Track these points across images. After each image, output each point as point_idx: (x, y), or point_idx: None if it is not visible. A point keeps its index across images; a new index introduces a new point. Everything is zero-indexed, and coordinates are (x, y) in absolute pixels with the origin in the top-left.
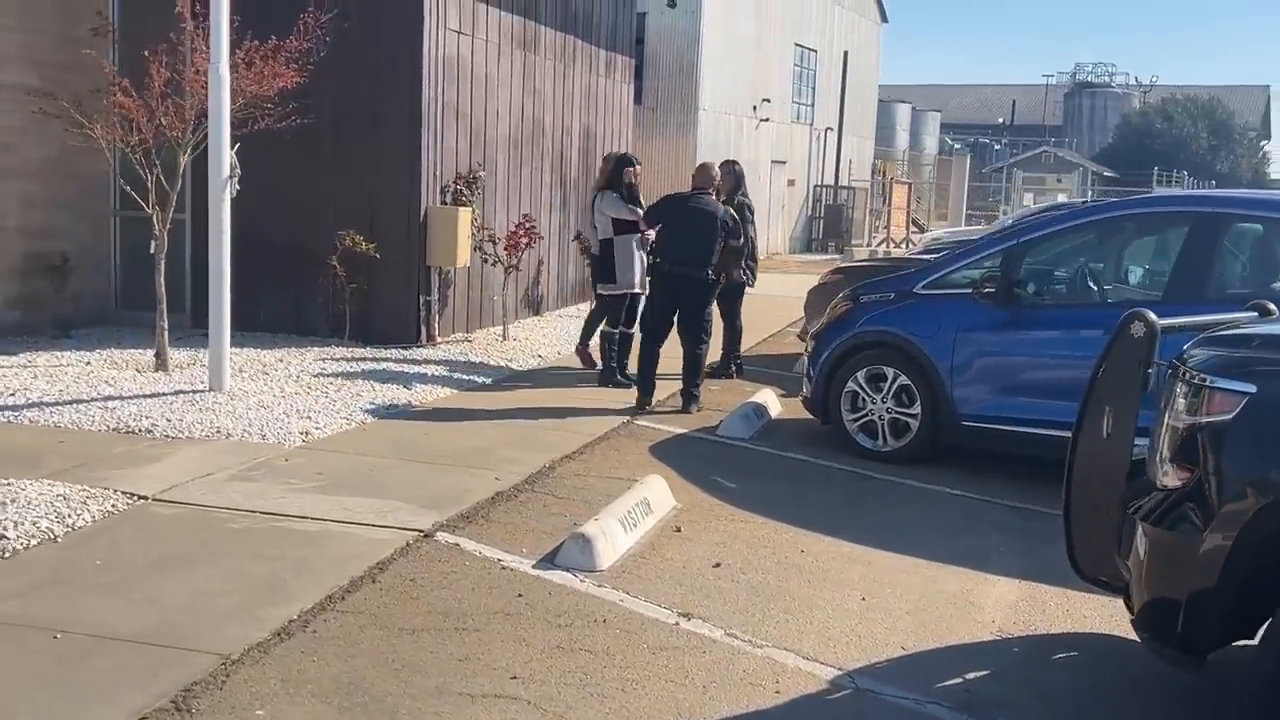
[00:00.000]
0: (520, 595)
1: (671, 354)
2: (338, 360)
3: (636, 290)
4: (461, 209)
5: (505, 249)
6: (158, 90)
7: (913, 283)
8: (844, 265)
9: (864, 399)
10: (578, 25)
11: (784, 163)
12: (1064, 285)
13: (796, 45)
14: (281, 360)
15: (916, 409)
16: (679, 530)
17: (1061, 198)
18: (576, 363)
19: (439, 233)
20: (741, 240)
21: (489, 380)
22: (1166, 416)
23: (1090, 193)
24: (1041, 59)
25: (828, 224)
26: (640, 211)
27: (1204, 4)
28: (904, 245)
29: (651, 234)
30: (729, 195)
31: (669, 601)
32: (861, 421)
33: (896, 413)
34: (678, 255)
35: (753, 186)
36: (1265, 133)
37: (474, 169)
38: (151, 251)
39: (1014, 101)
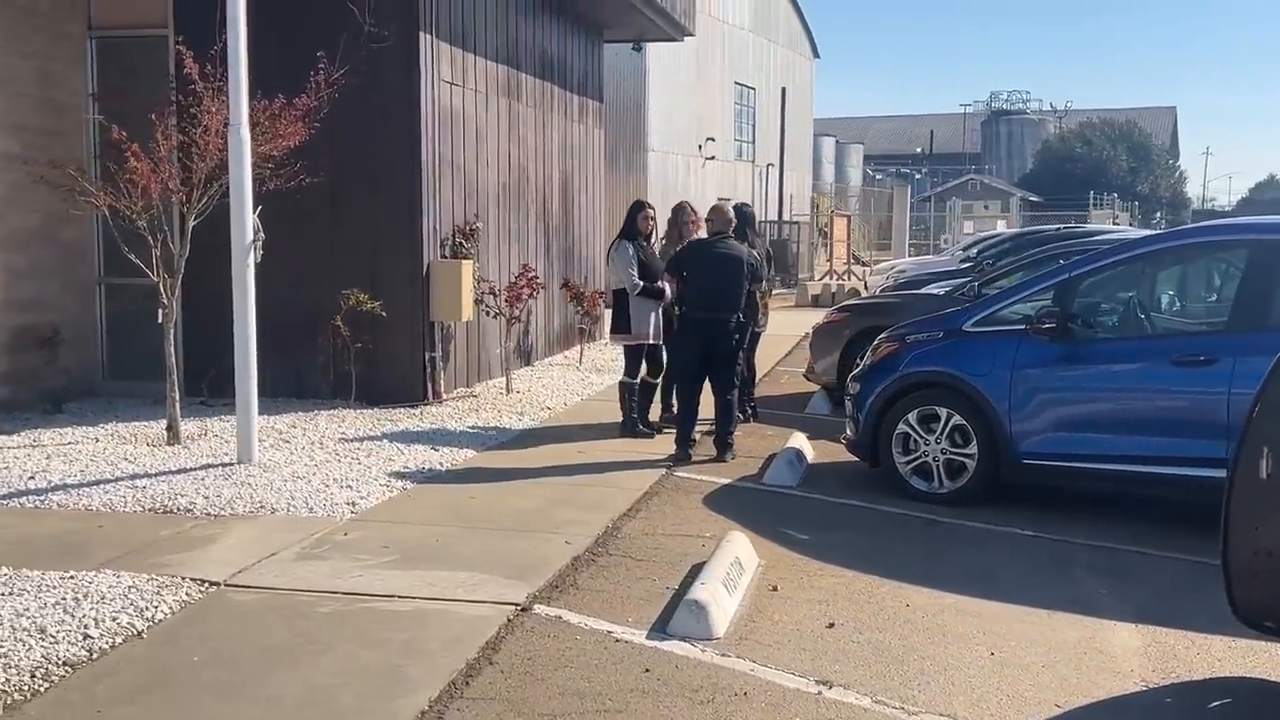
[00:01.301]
0: (648, 670)
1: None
2: (352, 423)
3: (652, 341)
4: (464, 262)
5: (506, 300)
6: (165, 154)
7: (960, 320)
8: (850, 303)
9: (916, 441)
10: (553, 72)
11: (729, 200)
12: (1122, 317)
13: (736, 84)
14: (295, 426)
15: (973, 449)
16: (775, 589)
17: (1000, 225)
18: (587, 415)
19: (442, 287)
20: (765, 283)
21: (508, 437)
22: None
23: (1019, 220)
24: (957, 88)
25: (774, 258)
26: (636, 279)
27: (1111, 28)
28: (848, 276)
29: (668, 290)
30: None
31: (801, 669)
32: (915, 464)
33: (952, 453)
34: (707, 302)
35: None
36: (1174, 152)
37: (470, 220)
38: (159, 320)
39: (932, 131)
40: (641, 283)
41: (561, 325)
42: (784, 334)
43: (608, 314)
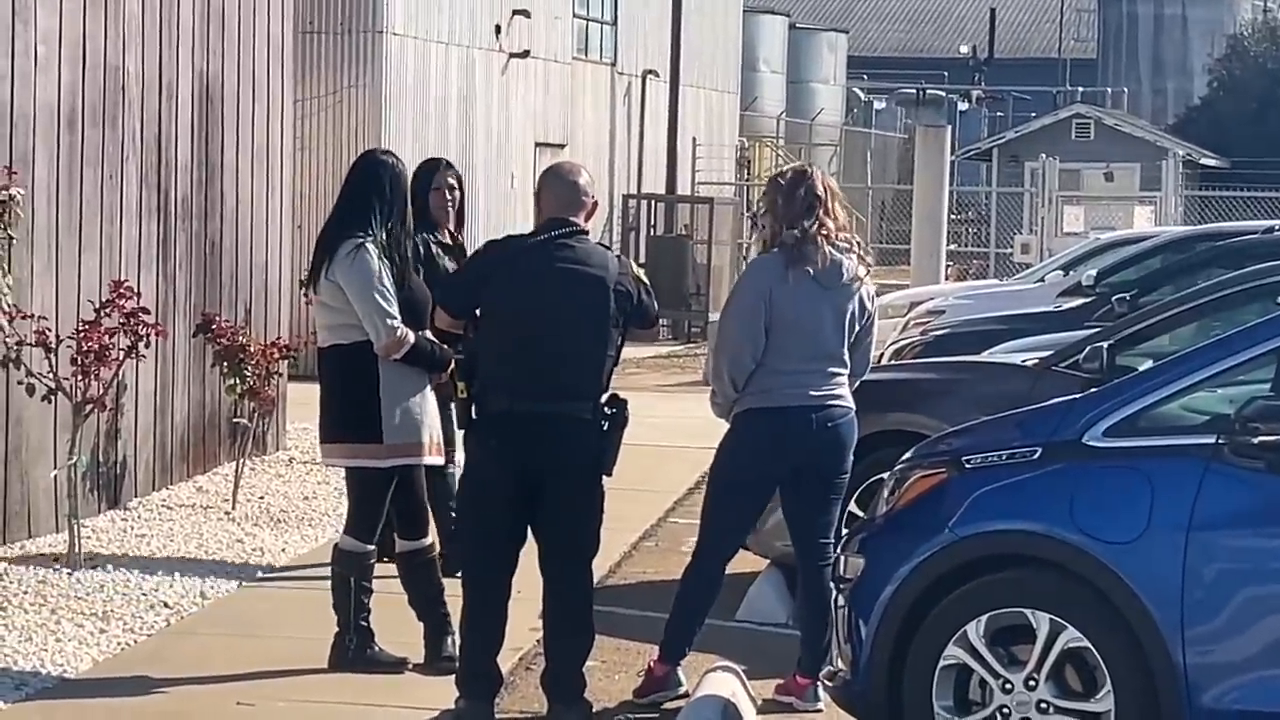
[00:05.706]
0: None
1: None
2: None
3: (423, 458)
4: None
5: (76, 360)
6: None
7: (1075, 423)
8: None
9: (984, 682)
10: None
11: (562, 146)
12: None
13: None
14: None
15: (1106, 700)
16: None
17: (1144, 215)
18: (254, 624)
19: None
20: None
21: (80, 669)
22: None
23: (1179, 204)
24: None
25: (661, 277)
26: (397, 323)
27: None
28: None
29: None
30: None
31: None
32: None
33: (1061, 709)
34: (528, 377)
35: (500, 191)
36: None
37: None
38: None
39: (992, 11)
40: (410, 334)
41: (195, 417)
42: (679, 443)
43: (297, 390)
